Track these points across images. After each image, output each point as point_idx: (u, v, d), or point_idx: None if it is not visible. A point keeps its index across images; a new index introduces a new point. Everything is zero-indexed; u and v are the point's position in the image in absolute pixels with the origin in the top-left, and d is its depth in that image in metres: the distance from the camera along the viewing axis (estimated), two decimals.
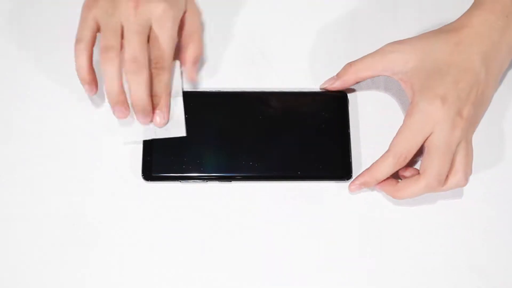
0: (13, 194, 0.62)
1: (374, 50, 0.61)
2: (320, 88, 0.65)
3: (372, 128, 0.65)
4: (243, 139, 0.62)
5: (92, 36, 0.59)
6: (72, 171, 0.62)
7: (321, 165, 0.62)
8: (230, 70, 0.66)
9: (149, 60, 0.59)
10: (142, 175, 0.61)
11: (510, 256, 0.61)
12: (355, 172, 0.62)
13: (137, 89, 0.58)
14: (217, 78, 0.65)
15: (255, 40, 0.67)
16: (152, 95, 0.60)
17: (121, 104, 0.59)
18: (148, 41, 0.59)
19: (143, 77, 0.58)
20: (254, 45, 0.67)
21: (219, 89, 0.64)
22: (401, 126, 0.59)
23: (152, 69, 0.59)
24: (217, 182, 0.62)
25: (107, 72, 0.57)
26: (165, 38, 0.59)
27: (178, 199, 0.62)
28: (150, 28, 0.59)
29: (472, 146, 0.60)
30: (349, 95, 0.65)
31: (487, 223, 0.62)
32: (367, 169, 0.60)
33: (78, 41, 0.59)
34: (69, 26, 0.66)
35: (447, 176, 0.58)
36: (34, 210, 0.61)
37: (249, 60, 0.67)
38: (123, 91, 0.59)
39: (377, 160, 0.60)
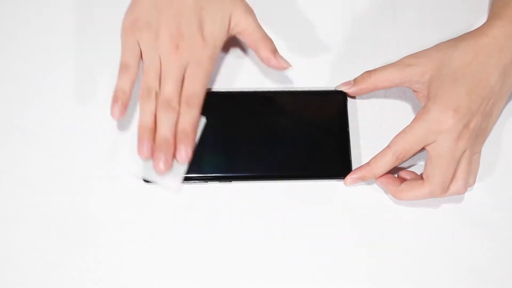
0: (13, 194, 0.62)
1: (393, 62, 0.61)
2: (335, 88, 0.65)
3: (372, 127, 0.65)
4: (243, 139, 0.63)
5: (137, 63, 0.60)
6: (72, 171, 0.62)
7: (321, 164, 0.62)
8: (229, 69, 0.66)
9: (181, 96, 0.59)
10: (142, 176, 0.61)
11: (510, 257, 0.61)
12: None
13: (165, 126, 0.58)
14: (216, 78, 0.65)
15: None
16: (176, 132, 0.59)
17: (149, 140, 0.58)
18: (183, 78, 0.60)
19: (172, 116, 0.59)
20: None
21: (219, 89, 0.64)
22: (407, 126, 0.59)
23: (183, 104, 0.59)
24: (217, 182, 0.62)
25: (145, 110, 0.59)
26: (200, 77, 0.60)
27: (178, 200, 0.62)
28: (187, 65, 0.59)
29: (479, 157, 0.60)
30: None
31: (487, 224, 0.62)
32: (366, 163, 0.61)
33: (124, 66, 0.60)
34: (70, 26, 0.67)
35: (449, 185, 0.59)
36: (34, 210, 0.61)
37: (249, 60, 0.67)
38: (154, 130, 0.59)
39: (376, 156, 0.60)
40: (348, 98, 0.65)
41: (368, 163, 0.60)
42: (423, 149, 0.59)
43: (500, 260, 0.61)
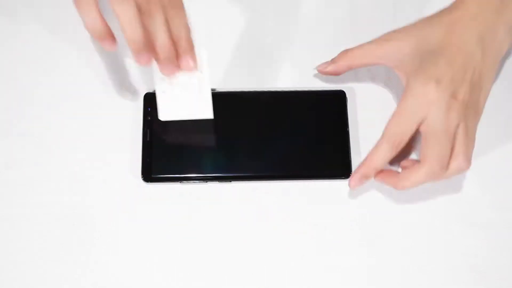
0: (13, 194, 0.62)
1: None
2: (315, 69, 0.65)
3: (371, 126, 0.64)
4: (242, 139, 0.63)
5: None
6: (72, 171, 0.63)
7: (321, 164, 0.63)
8: (229, 69, 0.66)
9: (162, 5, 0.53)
10: (142, 176, 0.61)
11: (509, 257, 0.61)
12: None
13: (158, 32, 0.52)
14: (216, 78, 0.65)
15: (255, 40, 0.67)
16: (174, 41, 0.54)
17: (147, 50, 0.52)
18: None
19: (161, 19, 0.53)
20: (254, 45, 0.67)
21: (218, 89, 0.64)
22: (394, 110, 0.57)
23: (167, 8, 0.53)
24: (217, 182, 0.62)
25: (125, 14, 0.51)
26: None
27: (178, 200, 0.62)
28: None
29: (474, 132, 0.58)
30: (348, 94, 0.65)
31: (487, 224, 0.62)
32: (364, 160, 0.59)
33: None
34: (70, 26, 0.66)
35: (448, 162, 0.56)
36: (34, 210, 0.61)
37: (249, 60, 0.67)
38: (146, 35, 0.52)
39: (372, 149, 0.58)
40: (348, 98, 0.65)
41: (365, 159, 0.59)
42: (419, 132, 0.57)
43: (500, 260, 0.61)
